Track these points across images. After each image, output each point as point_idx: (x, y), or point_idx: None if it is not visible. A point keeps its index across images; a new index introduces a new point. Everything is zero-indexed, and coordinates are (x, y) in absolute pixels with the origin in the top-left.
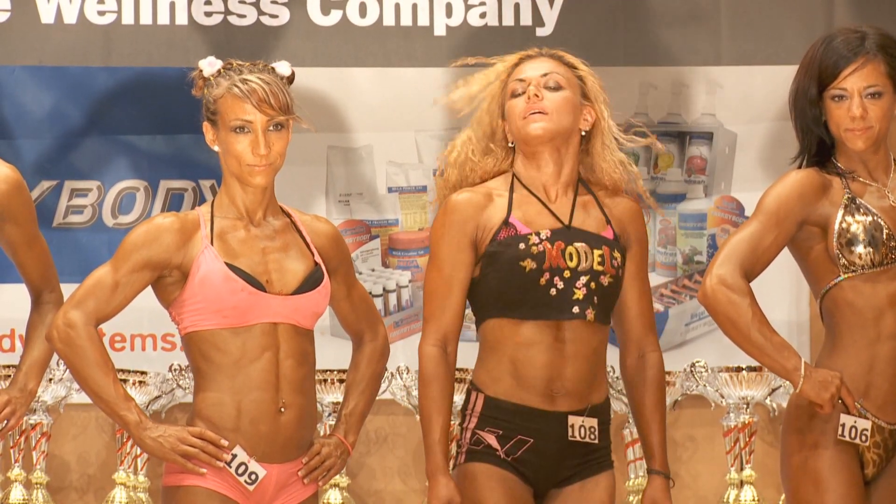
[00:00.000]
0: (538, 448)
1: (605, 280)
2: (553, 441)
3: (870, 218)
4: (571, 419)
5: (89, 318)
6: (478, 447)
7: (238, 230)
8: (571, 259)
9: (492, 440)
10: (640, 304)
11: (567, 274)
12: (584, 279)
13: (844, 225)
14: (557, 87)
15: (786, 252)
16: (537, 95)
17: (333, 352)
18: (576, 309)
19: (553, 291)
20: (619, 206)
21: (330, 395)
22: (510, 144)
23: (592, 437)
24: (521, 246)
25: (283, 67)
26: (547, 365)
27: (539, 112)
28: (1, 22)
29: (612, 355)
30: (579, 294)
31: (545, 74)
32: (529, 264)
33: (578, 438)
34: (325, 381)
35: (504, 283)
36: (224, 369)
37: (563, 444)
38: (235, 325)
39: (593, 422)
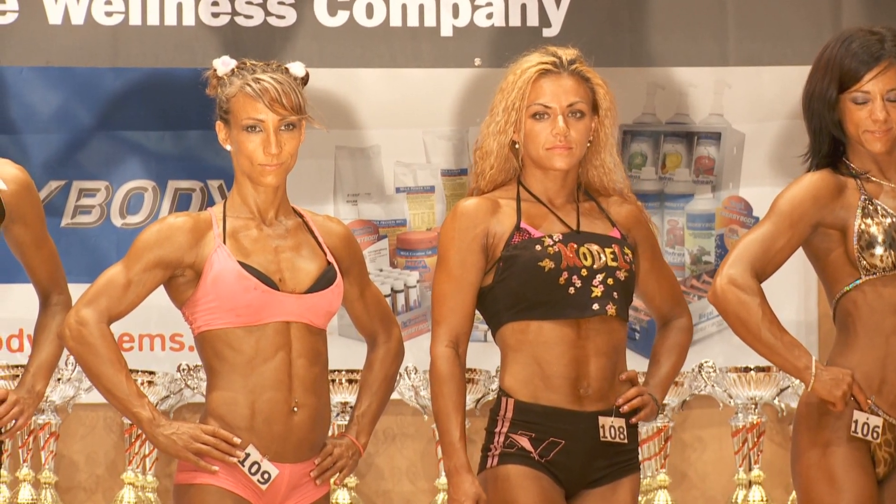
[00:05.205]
0: (570, 449)
1: (621, 275)
2: (584, 442)
3: (889, 220)
4: (602, 419)
5: (101, 316)
6: (511, 450)
7: (250, 229)
8: (586, 258)
9: (525, 442)
10: (661, 290)
11: (584, 272)
12: (600, 276)
13: (863, 227)
14: (580, 116)
15: (795, 253)
16: (566, 136)
17: (342, 352)
18: (595, 306)
19: (572, 290)
20: (621, 213)
21: (339, 396)
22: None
23: (622, 436)
24: (538, 248)
25: (297, 68)
26: (571, 363)
27: (565, 147)
28: (8, 23)
29: (635, 363)
30: (597, 291)
31: (571, 105)
32: (548, 264)
33: (609, 439)
34: (334, 381)
35: (524, 284)
36: (237, 368)
37: (593, 445)
38: (249, 323)
39: (621, 422)
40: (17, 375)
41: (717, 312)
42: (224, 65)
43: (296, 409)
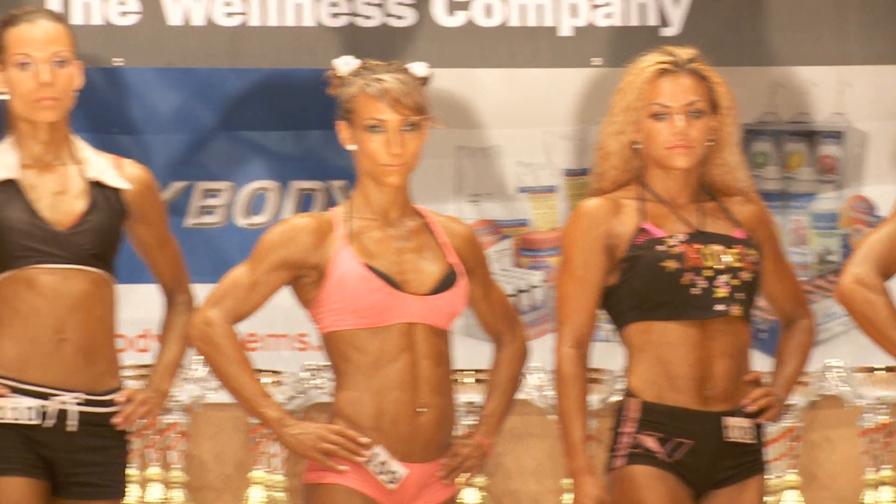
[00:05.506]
0: (696, 450)
1: (744, 276)
2: (710, 442)
3: None
4: (725, 420)
5: (227, 317)
6: (637, 450)
7: (374, 230)
8: (710, 259)
9: (651, 443)
10: (784, 290)
11: (707, 273)
12: (724, 277)
13: None
14: (700, 114)
15: None
16: (686, 135)
17: (466, 352)
18: (719, 307)
19: (695, 291)
20: (744, 213)
21: (465, 396)
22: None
23: (750, 437)
24: (660, 248)
25: (418, 68)
26: (696, 364)
27: (685, 146)
28: (130, 24)
29: (763, 362)
30: (721, 292)
31: (690, 103)
32: (670, 265)
33: (735, 439)
34: (457, 381)
35: (647, 285)
36: (363, 369)
37: (719, 445)
38: (373, 325)
39: (747, 422)
40: (145, 375)
41: (844, 312)
42: (346, 64)
43: (422, 409)
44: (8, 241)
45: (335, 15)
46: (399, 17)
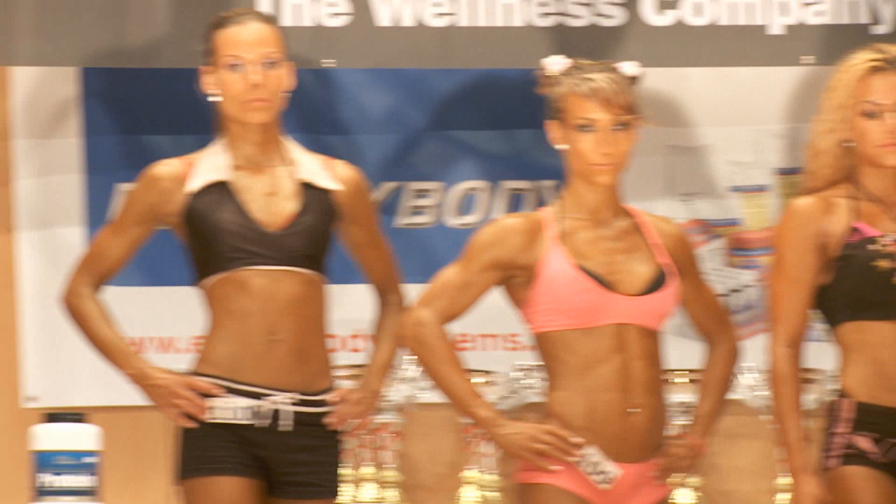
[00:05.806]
0: None
1: None
2: None
3: None
4: None
5: (439, 317)
6: (851, 451)
7: (585, 230)
8: None
9: (866, 444)
10: None
11: None
12: None
13: None
14: None
15: None
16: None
17: (678, 352)
18: None
19: None
20: None
21: (676, 396)
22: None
23: None
24: (872, 247)
25: (629, 67)
26: None
27: None
28: (340, 26)
29: None
30: None
31: None
32: (883, 264)
33: None
34: (668, 381)
35: (859, 285)
36: (574, 369)
37: None
38: (584, 325)
39: None
40: (357, 375)
41: None
42: (556, 64)
43: (635, 409)
44: (220, 243)
45: (544, 15)
46: (608, 17)
